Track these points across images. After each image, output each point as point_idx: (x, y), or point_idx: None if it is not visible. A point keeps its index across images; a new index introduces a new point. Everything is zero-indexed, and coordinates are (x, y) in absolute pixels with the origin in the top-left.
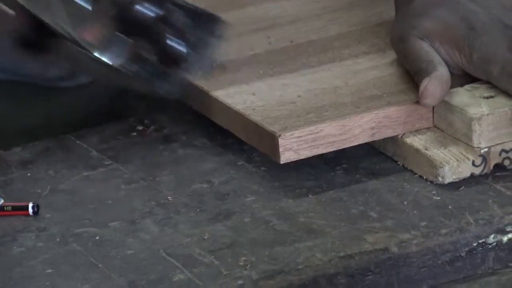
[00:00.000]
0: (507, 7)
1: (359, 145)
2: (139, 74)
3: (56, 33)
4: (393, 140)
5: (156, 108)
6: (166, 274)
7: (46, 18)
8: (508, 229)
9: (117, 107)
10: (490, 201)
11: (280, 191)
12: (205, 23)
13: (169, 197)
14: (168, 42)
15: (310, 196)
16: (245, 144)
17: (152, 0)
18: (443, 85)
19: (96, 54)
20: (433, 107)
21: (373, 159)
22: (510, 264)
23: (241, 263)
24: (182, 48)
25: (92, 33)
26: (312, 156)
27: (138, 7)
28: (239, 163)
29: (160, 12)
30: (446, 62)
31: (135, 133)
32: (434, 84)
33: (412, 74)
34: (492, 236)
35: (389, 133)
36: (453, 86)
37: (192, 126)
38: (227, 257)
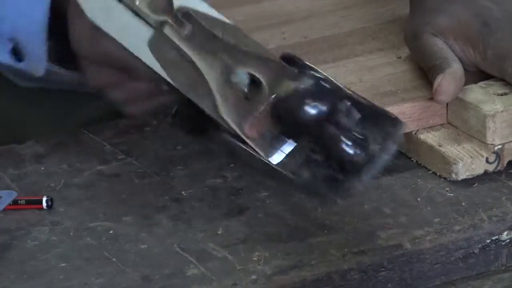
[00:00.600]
0: None
1: None
2: (307, 180)
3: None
4: (407, 136)
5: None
6: (180, 269)
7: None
8: None
9: None
10: (504, 198)
11: (294, 187)
12: (380, 122)
13: (182, 192)
14: (342, 146)
15: None
16: None
17: (319, 95)
18: (457, 81)
19: (261, 154)
20: (447, 104)
21: None
22: None
23: (254, 258)
24: (356, 153)
25: (255, 128)
26: None
27: (308, 108)
28: None
29: (330, 110)
30: (460, 59)
31: (148, 128)
32: (448, 81)
33: (426, 71)
34: (505, 233)
35: None
36: (467, 83)
37: None
38: (240, 252)
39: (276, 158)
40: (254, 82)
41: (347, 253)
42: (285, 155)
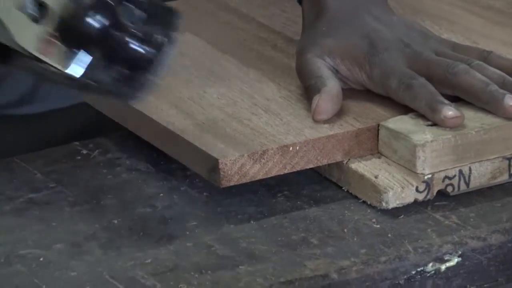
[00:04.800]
0: (408, 26)
1: (301, 171)
2: (105, 83)
3: (12, 49)
4: (338, 165)
5: (100, 132)
6: None
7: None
8: (446, 257)
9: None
10: (429, 230)
11: (222, 217)
12: (161, 17)
13: (113, 220)
14: (129, 46)
15: (251, 222)
16: (188, 170)
17: (100, 7)
18: (334, 99)
19: (58, 67)
20: (378, 134)
21: (315, 187)
22: None
23: (183, 287)
24: (144, 50)
25: (50, 48)
26: (254, 182)
27: (88, 20)
28: (182, 188)
29: (112, 18)
30: (347, 78)
31: (79, 157)
32: (325, 100)
33: (304, 90)
34: (430, 264)
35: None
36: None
37: (136, 151)
38: (169, 281)
39: (77, 71)
40: (41, 5)
41: (275, 282)
42: (85, 67)
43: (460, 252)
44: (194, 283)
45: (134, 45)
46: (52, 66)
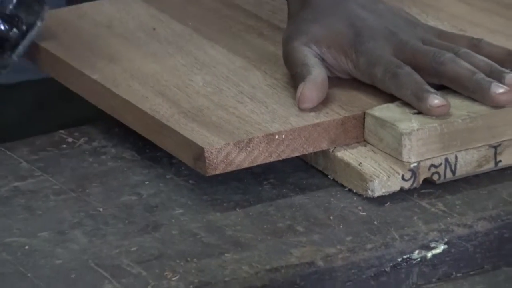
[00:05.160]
0: (395, 14)
1: (288, 159)
2: None
3: None
4: (324, 153)
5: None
6: (94, 285)
7: None
8: (432, 245)
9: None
10: (415, 217)
11: (208, 204)
12: (30, 5)
13: (98, 209)
14: None
15: (237, 209)
16: (174, 158)
17: None
18: (318, 87)
19: None
20: (364, 122)
21: (301, 175)
22: (434, 280)
23: (168, 274)
24: (8, 30)
25: None
26: (240, 170)
27: None
28: (168, 176)
29: None
30: (333, 67)
31: (65, 145)
32: (310, 88)
33: (291, 78)
34: (416, 252)
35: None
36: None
37: (121, 139)
38: (154, 268)
39: None
40: None
41: (260, 270)
42: None
43: (446, 240)
44: (179, 271)
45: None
46: None
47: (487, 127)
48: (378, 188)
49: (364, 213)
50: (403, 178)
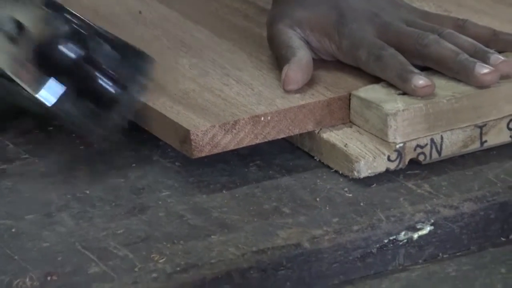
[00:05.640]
0: None
1: (273, 141)
2: (72, 115)
3: None
4: (310, 135)
5: None
6: (81, 267)
7: None
8: (419, 226)
9: None
10: (402, 198)
11: (195, 186)
12: (133, 59)
13: (85, 191)
14: (98, 82)
15: (224, 191)
16: (160, 140)
17: (75, 38)
18: (303, 69)
19: (29, 91)
20: (349, 103)
21: (287, 156)
22: (420, 261)
23: (155, 257)
24: (112, 89)
25: (23, 70)
26: (226, 152)
27: (61, 48)
28: (154, 158)
29: (86, 51)
30: (317, 49)
31: (51, 128)
32: (295, 70)
33: (275, 60)
34: (403, 233)
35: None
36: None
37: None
38: (141, 251)
39: (50, 99)
40: (19, 26)
41: (247, 251)
42: (57, 97)
43: (432, 221)
44: (166, 253)
45: (105, 84)
46: (23, 89)
47: (472, 107)
48: (364, 169)
49: (350, 195)
50: (389, 159)
